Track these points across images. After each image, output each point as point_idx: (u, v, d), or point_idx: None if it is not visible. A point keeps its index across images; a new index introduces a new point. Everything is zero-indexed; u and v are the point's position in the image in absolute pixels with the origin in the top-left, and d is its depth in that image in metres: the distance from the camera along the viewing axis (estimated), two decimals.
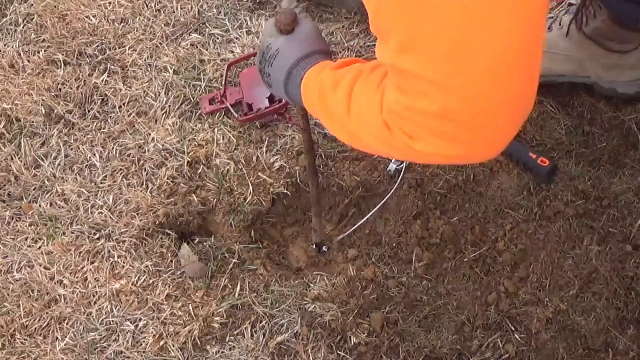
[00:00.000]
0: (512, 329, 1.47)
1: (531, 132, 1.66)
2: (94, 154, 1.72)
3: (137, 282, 1.55)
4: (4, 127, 1.77)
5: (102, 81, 1.81)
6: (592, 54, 1.62)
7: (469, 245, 1.55)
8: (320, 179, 1.64)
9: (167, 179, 1.65)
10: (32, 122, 1.77)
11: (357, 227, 1.60)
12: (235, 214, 1.62)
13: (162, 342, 1.48)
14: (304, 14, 1.13)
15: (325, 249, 1.61)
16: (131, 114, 1.76)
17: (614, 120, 1.67)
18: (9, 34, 1.93)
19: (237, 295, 1.53)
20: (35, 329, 1.52)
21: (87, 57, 1.86)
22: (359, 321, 1.48)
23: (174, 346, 1.48)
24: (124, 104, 1.78)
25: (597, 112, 1.68)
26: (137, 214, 1.62)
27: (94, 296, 1.54)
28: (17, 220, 1.66)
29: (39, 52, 1.88)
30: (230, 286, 1.54)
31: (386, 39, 0.81)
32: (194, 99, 1.76)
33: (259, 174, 1.64)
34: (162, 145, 1.70)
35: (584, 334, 1.45)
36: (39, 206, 1.66)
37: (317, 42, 1.10)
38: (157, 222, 1.61)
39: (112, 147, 1.72)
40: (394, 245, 1.56)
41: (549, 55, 1.64)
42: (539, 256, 1.53)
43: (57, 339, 1.51)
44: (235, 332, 1.49)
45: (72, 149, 1.73)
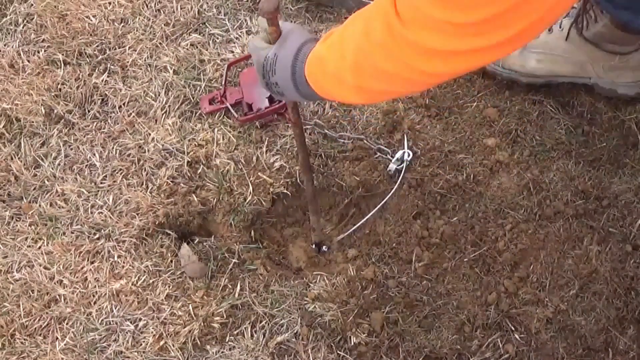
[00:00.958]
0: (512, 329, 1.47)
1: (531, 132, 1.66)
2: (94, 154, 1.72)
3: (137, 282, 1.55)
4: (4, 127, 1.77)
5: (102, 81, 1.81)
6: (593, 56, 1.62)
7: (469, 245, 1.55)
8: (319, 177, 1.64)
9: (167, 179, 1.65)
10: (32, 122, 1.77)
11: (357, 227, 1.60)
12: (235, 214, 1.62)
13: (162, 342, 1.48)
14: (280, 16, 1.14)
15: (325, 248, 1.61)
16: (131, 114, 1.76)
17: (614, 120, 1.67)
18: (9, 34, 1.93)
19: (237, 295, 1.53)
20: (35, 329, 1.52)
21: (87, 57, 1.86)
22: (359, 321, 1.48)
23: (174, 346, 1.48)
24: (124, 104, 1.78)
25: (597, 112, 1.68)
26: (137, 214, 1.62)
27: (94, 296, 1.54)
28: (17, 220, 1.66)
29: (39, 52, 1.87)
30: (230, 286, 1.54)
31: None
32: (194, 99, 1.76)
33: (259, 174, 1.64)
34: (162, 145, 1.70)
35: (584, 334, 1.45)
36: (39, 206, 1.66)
37: (305, 33, 1.12)
38: (157, 222, 1.61)
39: (112, 147, 1.72)
40: (394, 245, 1.56)
41: (550, 57, 1.64)
42: (539, 256, 1.53)
43: (57, 339, 1.51)
44: (235, 332, 1.49)
45: (72, 149, 1.73)
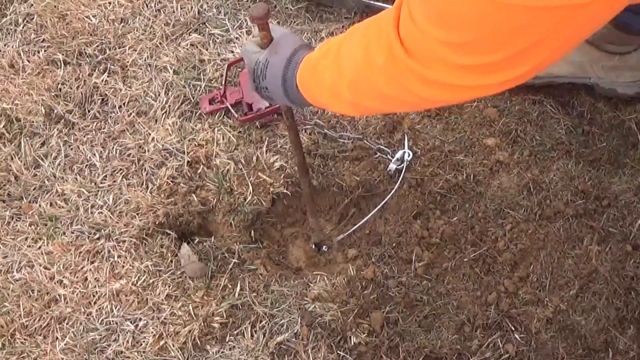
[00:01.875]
0: (512, 329, 1.47)
1: (531, 132, 1.66)
2: (94, 154, 1.72)
3: (137, 282, 1.55)
4: (4, 127, 1.77)
5: (102, 81, 1.81)
6: (593, 57, 1.62)
7: (469, 245, 1.55)
8: (319, 177, 1.64)
9: (167, 179, 1.65)
10: (32, 122, 1.77)
11: (357, 227, 1.60)
12: (235, 214, 1.62)
13: (162, 342, 1.48)
14: (271, 21, 1.14)
15: (325, 248, 1.61)
16: (131, 114, 1.76)
17: (614, 120, 1.67)
18: (9, 34, 1.93)
19: (237, 295, 1.53)
20: (35, 329, 1.52)
21: (87, 57, 1.86)
22: (359, 321, 1.48)
23: (174, 346, 1.48)
24: (124, 104, 1.78)
25: (597, 112, 1.68)
26: (137, 214, 1.62)
27: (94, 296, 1.54)
28: (17, 220, 1.66)
29: (39, 52, 1.87)
30: (230, 286, 1.54)
31: None
32: (194, 99, 1.76)
33: (259, 174, 1.64)
34: (162, 145, 1.70)
35: (584, 334, 1.45)
36: (39, 206, 1.66)
37: (297, 40, 1.12)
38: (157, 222, 1.61)
39: (112, 147, 1.72)
40: (394, 245, 1.56)
41: None
42: (539, 256, 1.53)
43: (57, 339, 1.51)
44: (235, 332, 1.49)
45: (72, 149, 1.73)
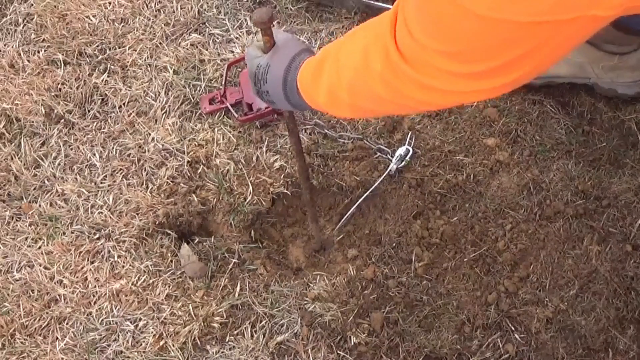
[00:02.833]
0: (512, 329, 1.47)
1: (531, 132, 1.66)
2: (94, 154, 1.72)
3: (137, 282, 1.55)
4: (4, 127, 1.77)
5: (102, 81, 1.81)
6: (593, 57, 1.62)
7: (469, 245, 1.55)
8: (319, 177, 1.64)
9: (167, 179, 1.65)
10: (32, 122, 1.77)
11: (349, 214, 1.59)
12: (235, 214, 1.62)
13: (162, 342, 1.48)
14: (275, 26, 1.14)
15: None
16: (131, 114, 1.76)
17: (614, 120, 1.67)
18: (9, 34, 1.93)
19: (237, 295, 1.53)
20: (35, 329, 1.52)
21: (87, 57, 1.85)
22: (359, 321, 1.48)
23: (174, 346, 1.48)
24: (124, 104, 1.78)
25: (597, 112, 1.68)
26: (137, 214, 1.62)
27: (94, 296, 1.54)
28: (17, 220, 1.66)
29: (39, 52, 1.87)
30: (230, 286, 1.54)
31: None
32: (194, 99, 1.76)
33: (259, 174, 1.64)
34: (162, 145, 1.70)
35: (584, 334, 1.45)
36: (39, 206, 1.65)
37: (299, 45, 1.12)
38: (157, 222, 1.61)
39: (112, 147, 1.72)
40: (394, 245, 1.56)
41: None
42: (539, 256, 1.53)
43: (57, 339, 1.51)
44: (235, 332, 1.49)
45: (72, 149, 1.73)
